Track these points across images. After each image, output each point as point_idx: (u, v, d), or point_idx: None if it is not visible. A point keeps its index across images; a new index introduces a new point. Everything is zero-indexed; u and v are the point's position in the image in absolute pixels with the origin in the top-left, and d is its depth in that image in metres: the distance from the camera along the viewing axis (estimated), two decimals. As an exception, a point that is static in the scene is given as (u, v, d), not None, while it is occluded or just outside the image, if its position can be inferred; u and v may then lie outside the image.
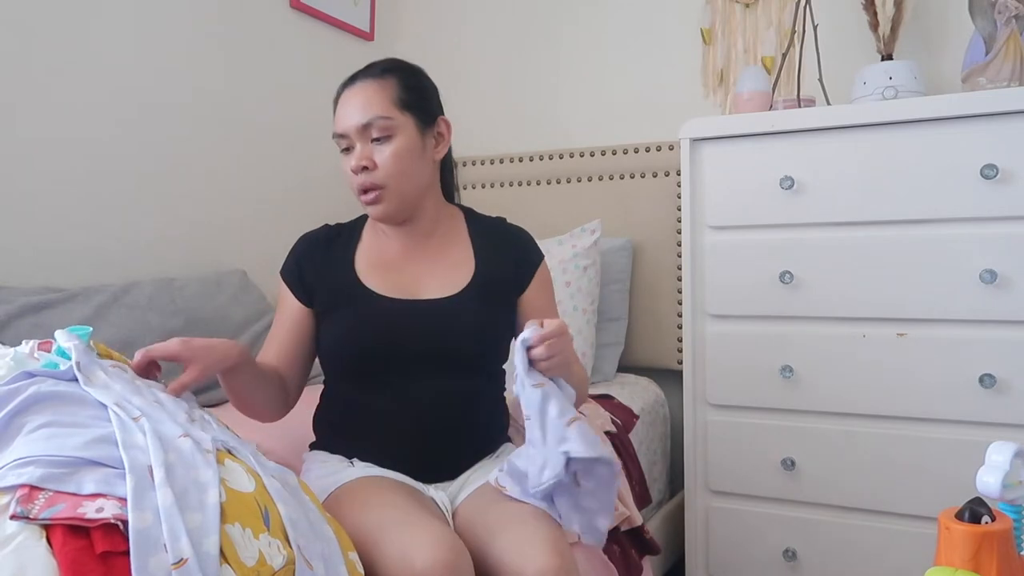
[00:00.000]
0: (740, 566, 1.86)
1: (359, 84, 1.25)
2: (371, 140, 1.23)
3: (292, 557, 0.83)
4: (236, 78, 2.14)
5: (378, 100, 1.23)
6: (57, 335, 0.98)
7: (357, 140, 1.23)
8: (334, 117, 1.27)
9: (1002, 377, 1.58)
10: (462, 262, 1.31)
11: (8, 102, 1.62)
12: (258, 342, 1.84)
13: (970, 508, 0.86)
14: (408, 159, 1.24)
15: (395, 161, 1.23)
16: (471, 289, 1.27)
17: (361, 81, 1.26)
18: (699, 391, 1.88)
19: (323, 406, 1.33)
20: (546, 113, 2.52)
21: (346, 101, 1.26)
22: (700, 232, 1.86)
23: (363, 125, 1.22)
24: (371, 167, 1.23)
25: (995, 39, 1.69)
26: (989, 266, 1.58)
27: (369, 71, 1.27)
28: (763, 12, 2.21)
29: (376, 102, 1.23)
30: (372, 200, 1.24)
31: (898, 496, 1.69)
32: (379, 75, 1.26)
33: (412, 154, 1.24)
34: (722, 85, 2.26)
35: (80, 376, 0.92)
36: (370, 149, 1.23)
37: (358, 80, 1.26)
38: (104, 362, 0.99)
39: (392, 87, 1.25)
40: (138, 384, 0.98)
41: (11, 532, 0.73)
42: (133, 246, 1.86)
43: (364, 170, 1.23)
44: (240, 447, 0.95)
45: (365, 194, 1.25)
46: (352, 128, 1.23)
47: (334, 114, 1.28)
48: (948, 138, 1.62)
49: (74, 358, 0.94)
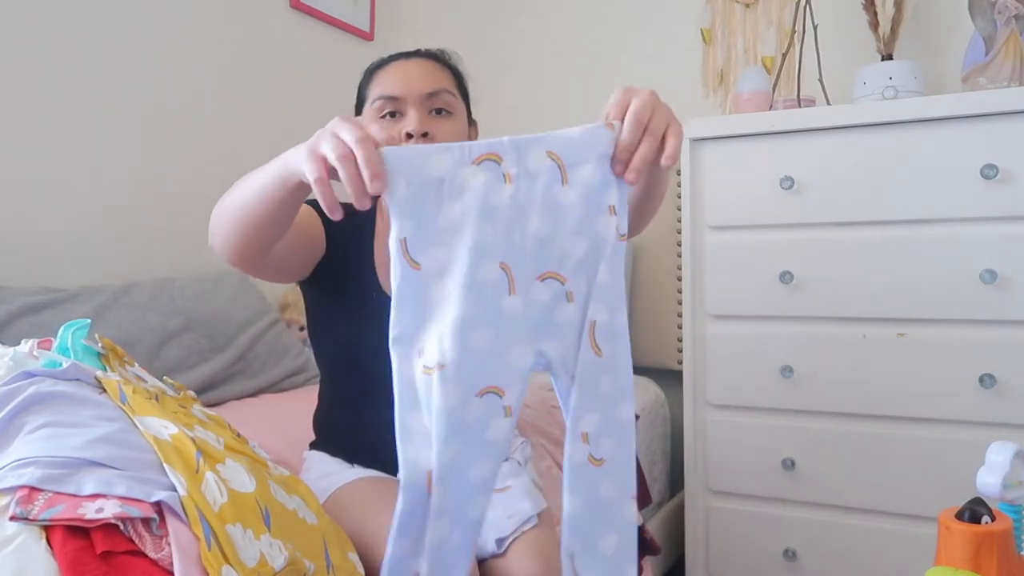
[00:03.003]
0: (740, 566, 1.86)
1: (417, 59, 1.19)
2: (429, 112, 1.14)
3: (293, 557, 0.83)
4: (236, 78, 2.14)
5: (444, 76, 1.18)
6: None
7: (413, 107, 1.13)
8: (372, 86, 1.17)
9: (1002, 377, 1.58)
10: None
11: (8, 102, 1.62)
12: (258, 342, 1.84)
13: (970, 508, 0.85)
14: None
15: (453, 139, 1.14)
16: None
17: (418, 58, 1.19)
18: (699, 391, 1.88)
19: (323, 406, 1.31)
20: (546, 113, 2.52)
21: (403, 68, 1.16)
22: (700, 232, 1.86)
23: (428, 93, 1.14)
24: (431, 136, 1.12)
25: (995, 39, 1.69)
26: (989, 266, 1.58)
27: (424, 52, 1.22)
28: (763, 12, 2.21)
29: (443, 77, 1.18)
30: None
31: (898, 496, 1.69)
32: (437, 59, 1.21)
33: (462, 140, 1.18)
34: (722, 85, 2.26)
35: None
36: (428, 119, 1.13)
37: (414, 56, 1.19)
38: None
39: (451, 73, 1.21)
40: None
41: (11, 533, 0.73)
42: (133, 246, 1.86)
43: (423, 137, 1.11)
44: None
45: None
46: (415, 93, 1.13)
47: (367, 87, 1.19)
48: (948, 138, 1.62)
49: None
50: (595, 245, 0.77)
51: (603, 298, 0.76)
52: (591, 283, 0.77)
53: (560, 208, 0.75)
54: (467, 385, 0.73)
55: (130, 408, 0.93)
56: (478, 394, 0.73)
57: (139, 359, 1.24)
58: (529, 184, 0.75)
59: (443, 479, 0.72)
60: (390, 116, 1.14)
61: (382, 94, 1.14)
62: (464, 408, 0.72)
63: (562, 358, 0.76)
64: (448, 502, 0.73)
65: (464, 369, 0.72)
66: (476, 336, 0.73)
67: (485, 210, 0.73)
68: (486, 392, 0.73)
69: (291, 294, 2.14)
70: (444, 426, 0.71)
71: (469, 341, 0.72)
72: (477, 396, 0.73)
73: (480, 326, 0.73)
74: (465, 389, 0.72)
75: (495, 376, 0.74)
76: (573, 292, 0.77)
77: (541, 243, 0.75)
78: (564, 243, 0.75)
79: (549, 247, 0.75)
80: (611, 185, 0.77)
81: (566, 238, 0.76)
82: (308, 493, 1.00)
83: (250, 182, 0.93)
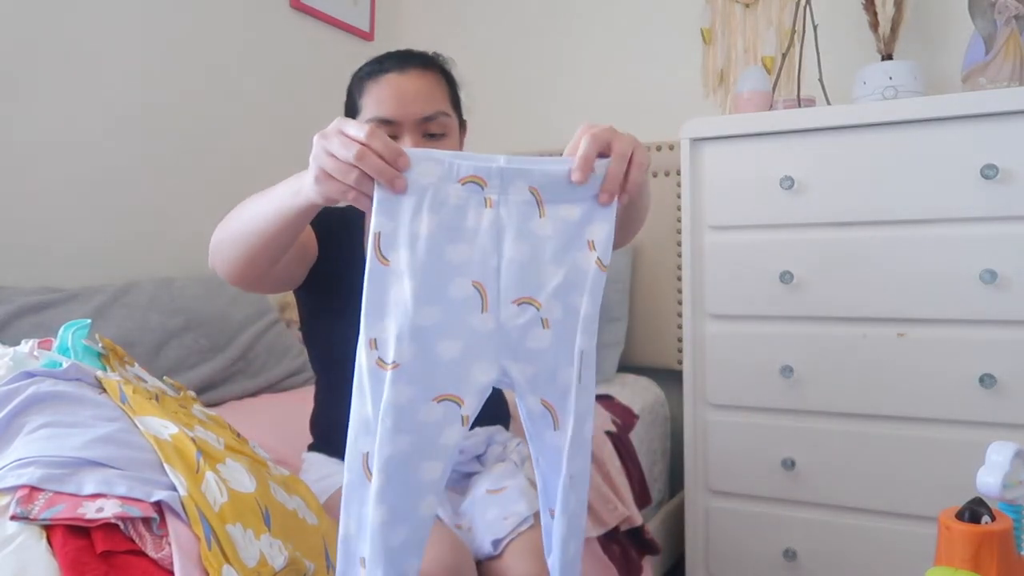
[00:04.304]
0: (740, 566, 1.86)
1: (413, 72, 1.13)
2: (424, 135, 1.12)
3: (293, 557, 0.83)
4: (236, 78, 2.14)
5: (440, 94, 1.14)
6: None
7: (408, 131, 1.11)
8: (365, 98, 1.14)
9: (1002, 377, 1.58)
10: None
11: (8, 103, 1.62)
12: (258, 342, 1.84)
13: (970, 508, 0.85)
14: None
15: None
16: None
17: (415, 69, 1.13)
18: (699, 391, 1.88)
19: (318, 408, 1.32)
20: (546, 113, 2.52)
21: (399, 85, 1.12)
22: (700, 232, 1.86)
23: (425, 118, 1.11)
24: None
25: (995, 39, 1.69)
26: (989, 266, 1.58)
27: (417, 60, 1.16)
28: (763, 12, 2.21)
29: (439, 96, 1.14)
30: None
31: (898, 496, 1.69)
32: (431, 66, 1.16)
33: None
34: (722, 85, 2.26)
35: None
36: (422, 142, 1.11)
37: (409, 67, 1.13)
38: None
39: (445, 84, 1.17)
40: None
41: (11, 532, 0.73)
42: (133, 246, 1.86)
43: None
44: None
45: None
46: (411, 116, 1.10)
47: (360, 98, 1.15)
48: (948, 138, 1.62)
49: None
50: (572, 275, 0.79)
51: (588, 330, 0.79)
52: (567, 311, 0.79)
53: (537, 238, 0.78)
54: (424, 388, 0.75)
55: (130, 408, 0.93)
56: (436, 399, 0.76)
57: (139, 359, 1.24)
58: (508, 212, 0.78)
59: (385, 469, 0.74)
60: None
61: (377, 116, 1.12)
62: (417, 409, 0.75)
63: (531, 381, 0.79)
64: (392, 494, 0.74)
65: (423, 372, 0.75)
66: (442, 345, 0.76)
67: (462, 230, 0.76)
68: (444, 399, 0.76)
69: (291, 294, 2.14)
70: (392, 420, 0.74)
71: (434, 348, 0.76)
72: (435, 401, 0.76)
73: (447, 337, 0.76)
74: (420, 391, 0.75)
75: (456, 385, 0.77)
76: (548, 319, 0.79)
77: (518, 268, 0.78)
78: (541, 271, 0.78)
79: (526, 272, 0.78)
80: (592, 220, 0.79)
81: (543, 266, 0.78)
82: (308, 493, 1.00)
83: (255, 208, 0.94)
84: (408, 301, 0.74)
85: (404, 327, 0.74)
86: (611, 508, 1.61)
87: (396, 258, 0.75)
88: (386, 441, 0.74)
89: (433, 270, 0.75)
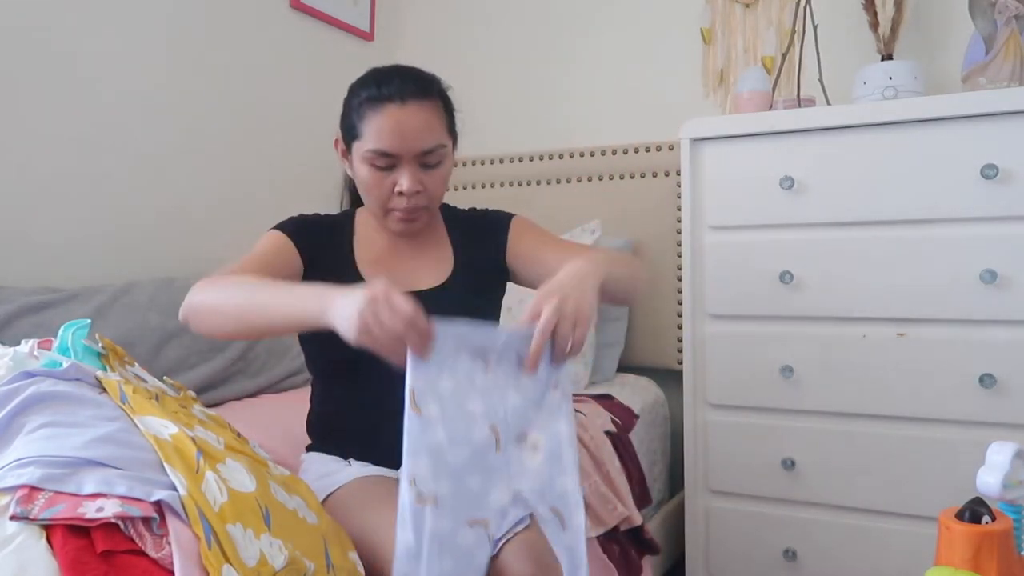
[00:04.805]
0: (740, 566, 1.86)
1: (413, 105, 1.17)
2: (421, 165, 1.19)
3: (293, 557, 0.83)
4: (236, 78, 2.14)
5: (438, 126, 1.20)
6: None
7: (407, 164, 1.17)
8: (365, 125, 1.17)
9: (1002, 377, 1.58)
10: (443, 255, 1.31)
11: (8, 102, 1.62)
12: (258, 343, 1.84)
13: (970, 508, 0.86)
14: (448, 180, 1.25)
15: (442, 185, 1.23)
16: (455, 277, 1.28)
17: (414, 101, 1.17)
18: (699, 391, 1.88)
19: (316, 407, 1.32)
20: (546, 113, 2.52)
21: (399, 120, 1.16)
22: (700, 232, 1.86)
23: (424, 151, 1.18)
24: (423, 191, 1.19)
25: (995, 39, 1.69)
26: (989, 266, 1.58)
27: (416, 88, 1.19)
28: (763, 12, 2.21)
29: (437, 128, 1.19)
30: (412, 219, 1.22)
31: (898, 496, 1.69)
32: (429, 95, 1.20)
33: (449, 175, 1.25)
34: (722, 85, 2.26)
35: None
36: (420, 173, 1.19)
37: (409, 100, 1.17)
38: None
39: (442, 110, 1.22)
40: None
41: (11, 532, 0.73)
42: (133, 246, 1.86)
43: (415, 195, 1.19)
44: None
45: (407, 215, 1.21)
46: (411, 151, 1.17)
47: (360, 122, 1.18)
48: (948, 138, 1.62)
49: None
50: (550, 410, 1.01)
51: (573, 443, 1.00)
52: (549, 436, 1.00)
53: (524, 387, 1.00)
54: (458, 516, 0.93)
55: (130, 408, 0.93)
56: (469, 524, 0.94)
57: (139, 359, 1.24)
58: (503, 371, 0.99)
59: None
60: (382, 168, 1.18)
61: (378, 148, 1.17)
62: (456, 534, 0.93)
63: (539, 492, 0.99)
64: None
65: (458, 503, 0.93)
66: (470, 479, 0.95)
67: (475, 388, 0.98)
68: (476, 523, 0.95)
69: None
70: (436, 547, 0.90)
71: (464, 482, 0.95)
72: (468, 526, 0.94)
73: (472, 472, 0.96)
74: (457, 519, 0.93)
75: (481, 511, 0.96)
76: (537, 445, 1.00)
77: (516, 412, 0.99)
78: (529, 411, 1.00)
79: (521, 414, 1.00)
80: (556, 371, 1.01)
81: (530, 407, 1.00)
82: (308, 493, 1.00)
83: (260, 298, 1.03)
84: (444, 443, 0.93)
85: (440, 465, 0.93)
86: (611, 508, 1.61)
87: (428, 410, 0.93)
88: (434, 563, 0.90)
89: (459, 419, 0.95)
